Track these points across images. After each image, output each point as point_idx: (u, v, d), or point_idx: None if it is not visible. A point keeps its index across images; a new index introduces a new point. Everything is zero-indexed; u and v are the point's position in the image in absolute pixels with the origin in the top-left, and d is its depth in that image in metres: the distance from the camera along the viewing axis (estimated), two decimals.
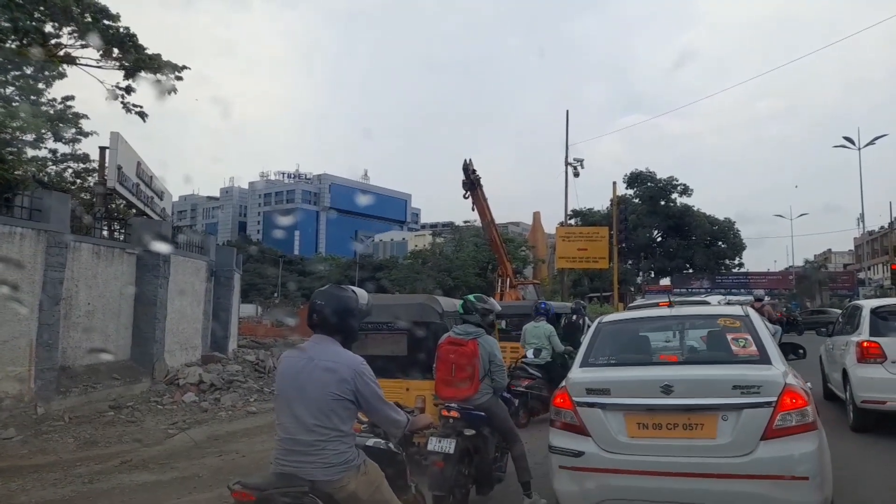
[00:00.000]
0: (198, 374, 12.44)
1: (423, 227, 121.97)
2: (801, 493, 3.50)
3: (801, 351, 5.34)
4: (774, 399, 3.59)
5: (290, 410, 2.71)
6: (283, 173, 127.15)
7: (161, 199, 19.02)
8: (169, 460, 7.38)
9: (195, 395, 11.51)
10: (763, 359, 4.00)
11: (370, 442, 3.12)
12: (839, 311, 15.77)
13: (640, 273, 54.11)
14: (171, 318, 13.53)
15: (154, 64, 15.24)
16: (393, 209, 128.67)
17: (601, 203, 52.09)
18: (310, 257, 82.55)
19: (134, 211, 17.39)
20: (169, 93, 15.67)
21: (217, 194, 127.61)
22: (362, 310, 2.89)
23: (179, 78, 15.69)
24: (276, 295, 55.10)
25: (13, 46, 13.40)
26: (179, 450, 8.02)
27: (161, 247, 13.09)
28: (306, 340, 2.90)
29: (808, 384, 4.04)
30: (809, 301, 59.69)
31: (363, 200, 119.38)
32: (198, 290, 15.43)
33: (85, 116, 16.87)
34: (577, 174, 30.57)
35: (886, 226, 56.01)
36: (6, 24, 12.62)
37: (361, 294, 2.93)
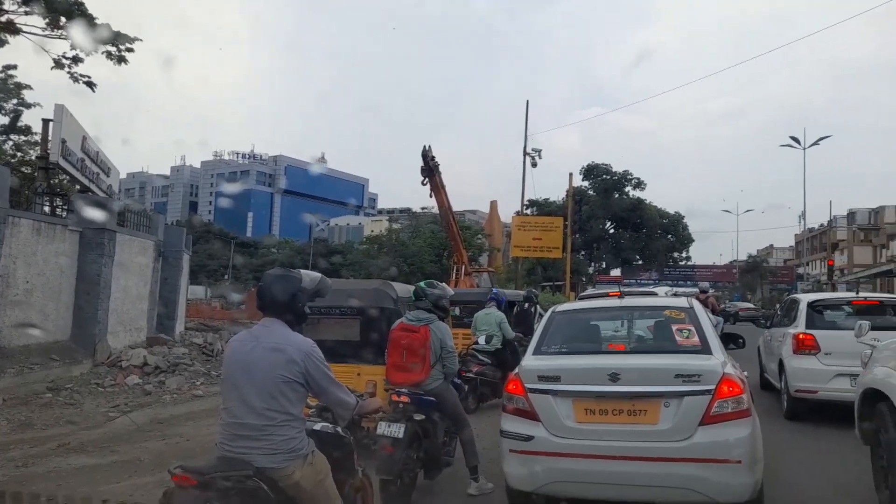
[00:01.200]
0: (142, 357, 12.10)
1: (380, 212, 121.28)
2: (734, 475, 3.66)
3: (740, 341, 5.58)
4: (713, 387, 3.74)
5: (238, 394, 2.67)
6: (238, 153, 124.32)
7: (108, 176, 18.31)
8: (109, 444, 7.18)
9: (139, 378, 11.21)
10: (704, 349, 4.15)
11: (318, 426, 3.10)
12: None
13: (592, 263, 55.21)
14: (115, 298, 13.11)
15: (103, 34, 14.62)
16: (349, 193, 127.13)
17: (557, 194, 52.78)
18: (263, 240, 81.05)
19: (78, 187, 16.72)
20: (118, 63, 15.08)
21: (167, 172, 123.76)
22: (311, 291, 2.87)
23: (130, 49, 15.13)
24: (226, 277, 54.00)
25: None
26: (120, 433, 7.81)
27: (106, 224, 12.65)
28: (255, 323, 2.86)
29: (746, 373, 4.22)
30: (751, 294, 62.10)
31: (319, 184, 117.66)
32: (144, 270, 14.98)
33: (27, 87, 16.12)
34: (534, 164, 30.87)
35: (826, 224, 58.58)
36: None
37: (311, 276, 2.91)
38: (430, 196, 24.48)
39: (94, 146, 16.76)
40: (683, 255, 56.35)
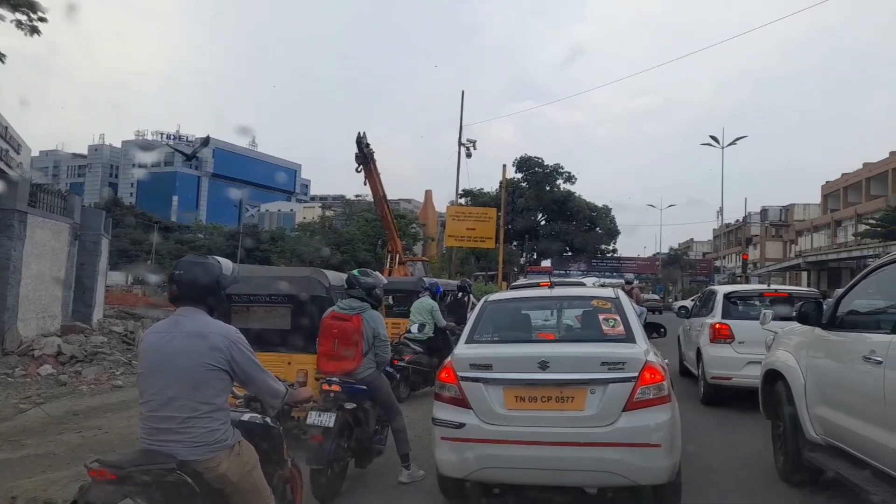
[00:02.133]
0: (56, 345, 11.45)
1: (313, 199, 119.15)
2: (654, 458, 3.84)
3: (662, 330, 5.87)
4: (636, 374, 3.90)
5: (158, 385, 2.56)
6: (162, 134, 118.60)
7: (17, 153, 17.19)
8: (20, 437, 6.78)
9: (52, 368, 10.62)
10: (629, 338, 4.32)
11: (245, 416, 3.03)
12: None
13: (524, 254, 56.20)
14: (27, 284, 12.33)
15: (13, 1, 13.60)
16: (281, 179, 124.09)
17: (491, 185, 53.33)
18: (189, 224, 78.03)
19: None
20: (31, 34, 14.08)
21: (84, 151, 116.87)
22: (228, 279, 2.77)
23: (43, 19, 14.14)
24: (149, 263, 51.70)
25: None
26: (32, 426, 7.38)
27: (15, 204, 11.85)
28: (173, 313, 2.75)
29: (667, 361, 4.42)
30: (672, 285, 64.95)
31: (250, 168, 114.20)
32: (58, 254, 14.14)
33: None
34: (469, 155, 31.01)
35: (741, 220, 61.89)
36: None
37: (225, 263, 2.81)
38: (365, 184, 24.21)
39: (2, 120, 15.65)
40: (610, 247, 58.20)
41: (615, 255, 58.44)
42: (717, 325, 8.28)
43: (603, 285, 10.51)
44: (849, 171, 51.00)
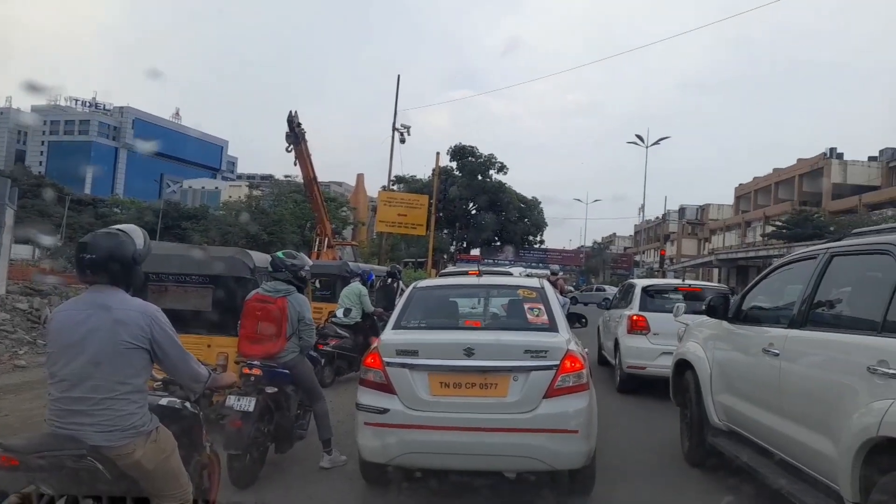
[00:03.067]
0: None
1: (240, 177, 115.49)
2: (572, 444, 3.98)
3: (583, 321, 6.10)
4: (557, 363, 4.03)
5: (70, 364, 2.43)
6: (77, 100, 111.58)
7: None
8: None
9: None
10: (552, 327, 4.45)
11: (164, 401, 2.92)
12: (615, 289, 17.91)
13: (454, 242, 56.63)
14: None
15: None
16: (207, 155, 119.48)
17: (425, 172, 53.31)
18: (104, 198, 73.87)
19: None
20: None
21: None
22: (142, 252, 2.59)
23: None
24: (60, 237, 48.63)
25: None
26: None
27: None
28: (86, 291, 2.59)
29: (586, 350, 4.58)
30: (594, 278, 67.20)
31: (172, 140, 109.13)
32: None
33: None
34: (402, 140, 30.86)
35: (660, 217, 64.62)
36: None
37: (135, 233, 2.61)
38: (295, 164, 23.66)
39: None
40: (538, 238, 59.55)
41: (542, 246, 59.84)
42: (635, 317, 8.65)
43: (529, 275, 10.75)
44: (760, 175, 54.17)
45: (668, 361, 6.15)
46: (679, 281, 11.09)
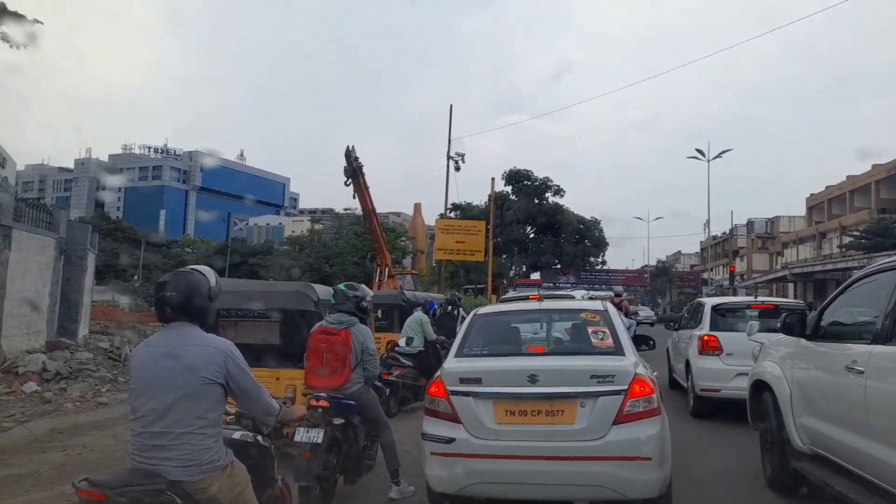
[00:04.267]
0: (41, 362, 11.30)
1: (302, 212, 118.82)
2: (645, 472, 3.84)
3: (651, 343, 5.91)
4: (625, 387, 3.91)
5: (150, 401, 2.52)
6: (150, 147, 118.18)
7: (2, 167, 17.03)
8: (3, 456, 6.66)
9: (37, 385, 10.47)
10: (618, 350, 4.33)
11: (237, 435, 3.00)
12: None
13: (513, 267, 56.29)
14: (11, 300, 12.17)
15: None
16: (270, 192, 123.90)
17: (480, 198, 53.47)
18: (177, 239, 77.49)
19: None
20: (16, 48, 14.04)
21: (71, 165, 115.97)
22: (216, 290, 2.72)
23: (31, 33, 14.12)
24: (136, 278, 51.20)
25: None
26: (16, 444, 7.26)
27: (0, 220, 11.73)
28: (163, 328, 2.71)
29: (655, 373, 4.44)
30: (661, 298, 65.26)
31: (238, 181, 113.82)
32: (43, 270, 13.99)
33: None
34: (458, 168, 31.08)
35: (727, 232, 62.41)
36: None
37: (209, 272, 2.76)
38: (354, 197, 24.23)
39: None
40: (599, 259, 58.46)
41: (604, 267, 58.70)
42: (706, 338, 8.32)
43: (592, 298, 10.55)
44: (833, 184, 51.69)
45: (744, 383, 5.87)
46: (751, 298, 10.65)
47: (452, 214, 43.92)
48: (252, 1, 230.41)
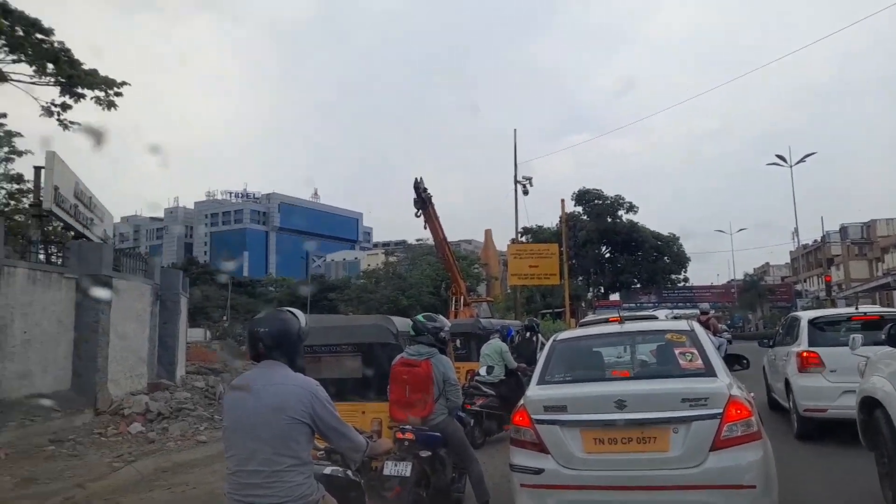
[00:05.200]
0: (144, 403, 11.96)
1: (376, 245, 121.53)
2: (749, 501, 3.62)
3: (744, 362, 5.58)
4: (721, 410, 3.72)
5: (242, 440, 2.61)
6: (231, 192, 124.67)
7: (101, 221, 18.36)
8: (114, 495, 7.05)
9: (141, 426, 11.07)
10: (709, 371, 4.14)
11: (328, 470, 3.06)
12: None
13: (591, 289, 55.17)
14: (114, 345, 13.01)
15: (91, 80, 14.81)
16: (344, 228, 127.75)
17: (551, 220, 53.03)
18: (260, 278, 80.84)
19: (72, 233, 16.72)
20: (108, 109, 15.24)
21: (161, 215, 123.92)
22: (305, 331, 2.81)
23: (119, 94, 15.30)
24: (225, 318, 53.65)
25: None
26: (125, 484, 7.67)
27: (102, 270, 12.63)
28: (254, 367, 2.81)
29: (752, 394, 4.21)
30: (751, 313, 62.01)
31: (314, 220, 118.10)
32: (142, 315, 14.90)
33: (18, 134, 16.27)
34: (526, 192, 31.02)
35: (819, 240, 58.89)
36: None
37: (299, 313, 2.86)
38: (425, 228, 24.54)
39: (86, 191, 16.83)
40: (681, 276, 56.44)
41: (687, 284, 56.56)
42: (805, 354, 7.82)
43: (676, 317, 10.16)
44: None
45: (852, 401, 5.45)
46: (852, 309, 9.92)
47: (524, 239, 43.62)
48: (315, 41, 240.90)
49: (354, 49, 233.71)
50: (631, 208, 53.15)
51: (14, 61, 14.23)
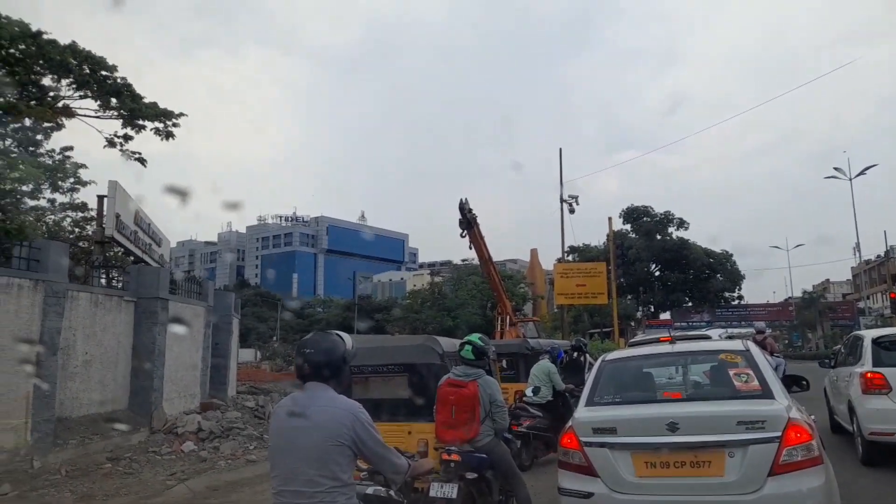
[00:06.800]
0: (196, 422, 12.25)
1: (421, 266, 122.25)
2: None
3: (804, 383, 5.32)
4: (779, 434, 3.57)
5: (286, 461, 2.64)
6: (281, 217, 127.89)
7: (159, 246, 19.06)
8: None
9: (194, 444, 11.32)
10: (766, 393, 3.98)
11: (370, 490, 3.07)
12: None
13: (640, 307, 54.00)
14: (170, 366, 13.41)
15: (151, 112, 15.51)
16: (390, 249, 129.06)
17: (598, 239, 52.35)
18: (308, 299, 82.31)
19: (132, 258, 17.41)
20: (166, 139, 15.92)
21: (214, 239, 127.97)
22: (351, 354, 2.84)
23: (176, 125, 15.96)
24: (274, 339, 54.72)
25: (13, 100, 13.66)
26: (178, 501, 7.85)
27: (159, 293, 13.07)
28: (299, 388, 2.84)
29: (813, 417, 4.02)
30: (811, 332, 59.51)
31: (361, 241, 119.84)
32: (196, 337, 15.32)
33: (83, 166, 17.11)
34: (572, 211, 30.74)
35: (883, 254, 56.22)
36: (6, 80, 12.88)
37: (346, 336, 2.89)
38: (470, 248, 24.53)
39: (145, 218, 17.55)
40: (735, 294, 54.71)
41: (741, 302, 54.76)
42: (869, 375, 7.44)
43: (730, 336, 9.85)
44: None
45: None
46: None
47: (570, 258, 43.21)
48: (361, 68, 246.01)
49: (399, 73, 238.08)
50: (681, 225, 52.09)
51: (81, 97, 15.07)
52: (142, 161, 16.03)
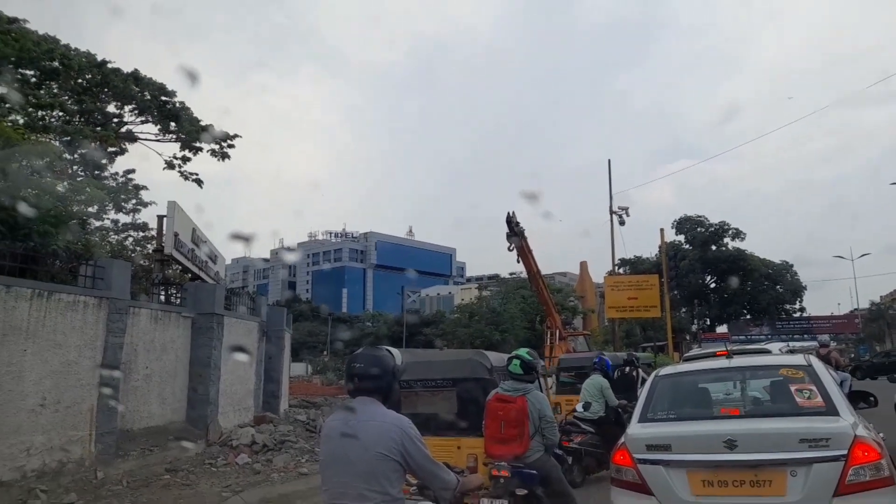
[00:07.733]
0: (250, 435, 12.51)
1: (469, 280, 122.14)
2: None
3: (871, 399, 5.07)
4: (845, 452, 3.41)
5: (336, 475, 2.67)
6: (331, 233, 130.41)
7: (214, 263, 19.66)
8: None
9: (248, 457, 11.56)
10: (830, 410, 3.81)
11: None
12: None
13: (695, 320, 52.49)
14: (225, 380, 13.76)
15: (207, 134, 16.16)
16: (438, 264, 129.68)
17: (650, 250, 51.24)
18: (358, 314, 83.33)
19: (189, 275, 18.04)
20: (222, 159, 16.52)
21: (267, 256, 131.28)
22: (400, 369, 2.87)
23: (231, 146, 16.56)
24: (325, 353, 55.51)
25: (80, 126, 14.44)
26: None
27: (215, 309, 13.47)
28: (349, 403, 2.87)
29: (882, 435, 3.82)
30: (879, 344, 56.56)
31: (409, 256, 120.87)
32: (250, 351, 15.69)
33: (144, 188, 17.90)
34: (622, 222, 30.27)
35: None
36: (73, 107, 13.63)
37: (395, 351, 2.93)
38: (518, 261, 24.38)
39: (202, 236, 18.15)
40: (797, 306, 52.60)
41: (803, 314, 52.57)
42: None
43: (792, 350, 9.43)
44: None
45: None
46: None
47: (621, 270, 42.45)
48: (408, 84, 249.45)
49: (447, 88, 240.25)
50: (737, 235, 50.50)
51: (142, 122, 15.84)
52: (199, 182, 16.70)
